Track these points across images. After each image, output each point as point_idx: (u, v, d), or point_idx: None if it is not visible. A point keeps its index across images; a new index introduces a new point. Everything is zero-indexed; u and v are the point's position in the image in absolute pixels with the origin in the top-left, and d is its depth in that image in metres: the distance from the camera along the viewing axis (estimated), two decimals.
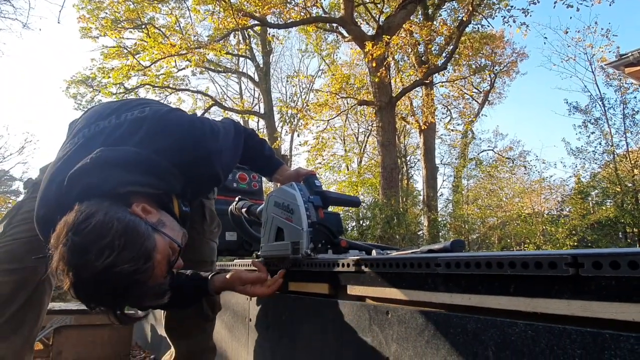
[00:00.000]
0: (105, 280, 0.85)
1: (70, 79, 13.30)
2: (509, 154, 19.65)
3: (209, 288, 1.28)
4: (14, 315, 1.26)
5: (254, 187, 2.92)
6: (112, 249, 0.85)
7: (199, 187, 1.20)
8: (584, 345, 0.59)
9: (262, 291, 1.27)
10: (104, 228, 0.87)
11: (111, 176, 0.97)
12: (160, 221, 0.99)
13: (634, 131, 12.07)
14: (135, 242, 0.89)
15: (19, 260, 1.27)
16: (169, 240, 0.98)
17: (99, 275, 0.84)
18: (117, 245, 0.85)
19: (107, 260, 0.84)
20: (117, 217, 0.89)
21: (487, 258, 0.74)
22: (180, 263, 1.04)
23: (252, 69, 16.78)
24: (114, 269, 0.84)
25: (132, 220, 0.92)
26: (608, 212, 11.59)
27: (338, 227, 1.40)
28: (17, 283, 1.27)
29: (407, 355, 0.88)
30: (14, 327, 1.28)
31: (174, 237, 1.01)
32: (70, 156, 1.05)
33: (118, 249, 0.85)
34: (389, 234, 9.50)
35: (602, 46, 11.92)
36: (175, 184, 1.07)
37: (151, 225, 0.95)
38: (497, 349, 0.70)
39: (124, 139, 1.06)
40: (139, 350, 3.17)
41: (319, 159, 14.35)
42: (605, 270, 0.59)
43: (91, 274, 0.84)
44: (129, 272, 0.86)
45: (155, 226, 0.96)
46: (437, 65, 11.27)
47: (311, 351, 1.21)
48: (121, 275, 0.86)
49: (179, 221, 1.09)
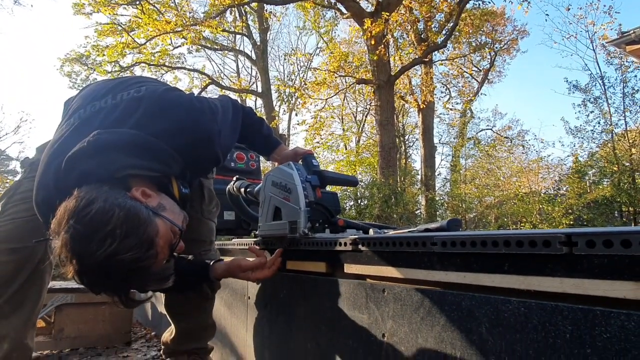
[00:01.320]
0: (108, 268, 0.86)
1: (64, 57, 13.10)
2: (507, 133, 19.61)
3: (210, 275, 1.29)
4: (16, 294, 1.28)
5: (251, 167, 2.92)
6: (113, 237, 0.85)
7: (198, 168, 1.20)
8: (575, 322, 0.60)
9: (263, 274, 1.29)
10: (105, 216, 0.87)
11: (109, 160, 0.96)
12: (160, 205, 0.99)
13: (633, 110, 12.02)
14: (137, 229, 0.89)
15: (19, 240, 1.28)
16: (170, 224, 0.99)
17: (102, 264, 0.85)
18: (118, 234, 0.86)
19: (110, 248, 0.84)
20: (117, 204, 0.89)
21: (482, 237, 0.75)
22: (181, 246, 1.04)
23: (249, 46, 16.54)
24: (117, 257, 0.85)
25: (132, 207, 0.91)
26: (605, 191, 11.66)
27: (335, 206, 1.40)
28: (18, 262, 1.28)
29: (403, 331, 0.90)
30: (16, 305, 1.30)
31: (175, 221, 1.01)
32: (66, 138, 1.04)
33: (120, 237, 0.86)
34: (387, 213, 9.55)
35: (604, 23, 11.72)
36: (175, 166, 1.07)
37: (152, 210, 0.95)
38: (491, 325, 0.72)
39: (121, 121, 1.05)
40: (139, 327, 3.23)
41: (317, 138, 14.32)
42: (598, 248, 0.59)
43: (94, 262, 0.85)
44: (132, 259, 0.87)
45: (155, 210, 0.96)
46: (437, 42, 11.12)
47: (309, 328, 1.23)
48: (124, 263, 0.86)
49: (179, 203, 1.09)
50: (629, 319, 0.55)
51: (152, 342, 2.73)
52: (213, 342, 1.72)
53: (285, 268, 1.41)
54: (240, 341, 1.66)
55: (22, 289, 1.30)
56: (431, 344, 0.83)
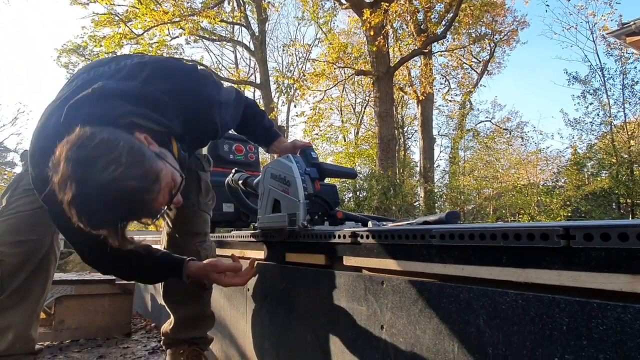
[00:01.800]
0: (110, 195, 0.82)
1: (61, 47, 13.00)
2: (506, 125, 19.59)
3: (183, 273, 1.29)
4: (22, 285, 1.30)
5: (250, 159, 2.91)
6: (119, 163, 0.82)
7: (196, 134, 1.19)
8: (572, 314, 0.61)
9: (236, 281, 1.30)
10: (111, 144, 0.84)
11: (114, 107, 0.95)
12: (162, 152, 0.98)
13: (633, 102, 12.01)
14: (142, 161, 0.87)
15: (25, 233, 1.30)
16: (172, 170, 0.97)
17: (105, 189, 0.82)
18: (124, 161, 0.83)
19: (115, 173, 0.82)
20: (122, 137, 0.87)
21: (480, 230, 0.75)
22: (179, 199, 1.02)
23: (248, 37, 16.41)
24: (121, 184, 0.82)
25: (137, 143, 0.90)
26: (603, 183, 11.69)
27: (334, 198, 1.41)
28: (24, 255, 1.30)
29: (401, 323, 0.90)
30: (23, 296, 1.31)
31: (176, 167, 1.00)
32: (68, 95, 1.01)
33: (125, 165, 0.83)
34: (386, 205, 9.57)
35: (605, 14, 11.69)
36: (176, 124, 1.06)
37: (155, 153, 0.94)
38: (488, 317, 0.72)
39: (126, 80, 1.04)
40: (139, 319, 3.25)
41: (316, 130, 14.28)
42: (596, 242, 0.60)
43: (97, 186, 0.81)
44: (137, 188, 0.85)
45: (158, 154, 0.95)
46: (437, 33, 11.05)
47: (308, 320, 1.24)
48: (127, 191, 0.83)
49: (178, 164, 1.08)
50: (625, 312, 0.55)
51: (152, 333, 2.74)
52: (212, 333, 1.73)
53: (284, 260, 1.42)
54: (239, 333, 1.68)
55: (28, 281, 1.31)
56: (429, 336, 0.83)
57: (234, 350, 1.72)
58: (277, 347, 1.38)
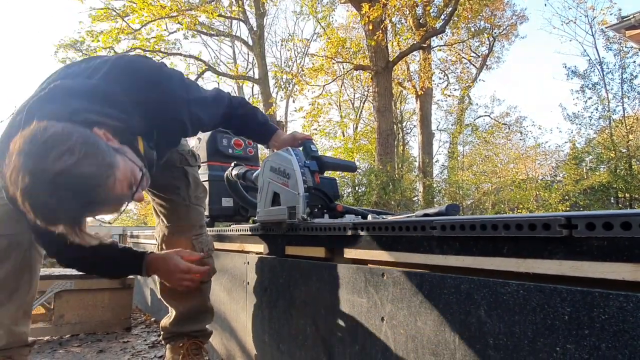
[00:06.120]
0: (63, 183, 0.81)
1: (58, 42, 12.91)
2: (505, 120, 19.59)
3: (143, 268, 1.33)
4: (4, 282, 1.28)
5: (249, 153, 2.90)
6: (72, 153, 0.81)
7: (165, 131, 1.19)
8: (574, 304, 0.61)
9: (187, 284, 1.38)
10: (65, 135, 0.83)
11: (70, 104, 0.94)
12: (121, 148, 0.97)
13: (631, 96, 12.01)
14: (96, 153, 0.86)
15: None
16: (132, 164, 0.96)
17: (57, 178, 0.80)
18: (77, 151, 0.82)
19: (67, 162, 0.80)
20: (76, 130, 0.86)
21: (481, 220, 0.75)
22: (140, 195, 1.01)
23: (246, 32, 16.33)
24: (74, 171, 0.81)
25: (92, 136, 0.89)
26: (601, 177, 11.70)
27: (334, 191, 1.40)
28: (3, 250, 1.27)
29: (402, 314, 0.90)
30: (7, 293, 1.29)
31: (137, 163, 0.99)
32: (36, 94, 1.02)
33: (79, 155, 0.82)
34: (385, 200, 9.57)
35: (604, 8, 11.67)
36: (136, 119, 1.06)
37: (112, 147, 0.92)
38: (489, 307, 0.72)
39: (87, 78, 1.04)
40: (139, 313, 3.25)
41: (315, 125, 14.23)
42: (598, 231, 0.59)
43: (48, 176, 0.79)
44: (89, 176, 0.83)
45: (117, 149, 0.94)
46: (436, 28, 11.00)
47: (308, 312, 1.24)
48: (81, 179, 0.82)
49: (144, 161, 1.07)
50: (628, 301, 0.55)
51: (151, 327, 2.75)
52: (212, 327, 1.73)
53: (284, 254, 1.41)
54: (240, 326, 1.68)
55: (12, 276, 1.29)
56: (430, 327, 0.83)
57: (234, 343, 1.72)
58: (277, 340, 1.38)
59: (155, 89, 1.10)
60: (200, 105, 1.23)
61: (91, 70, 1.07)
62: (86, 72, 1.07)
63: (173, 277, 1.36)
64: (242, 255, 1.69)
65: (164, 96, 1.11)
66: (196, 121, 1.23)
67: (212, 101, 1.30)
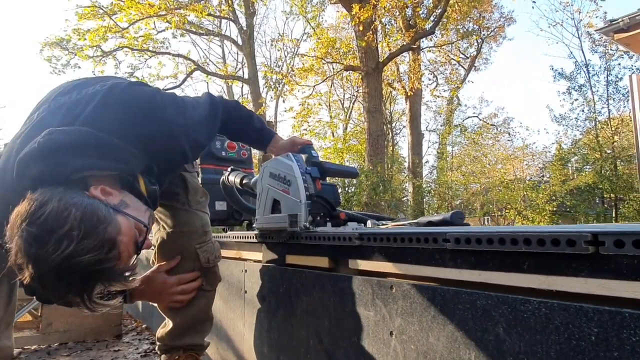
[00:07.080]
0: (66, 272, 0.82)
1: (44, 40, 12.64)
2: (493, 121, 19.80)
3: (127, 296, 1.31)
4: None
5: (243, 156, 2.86)
6: (70, 238, 0.81)
7: (166, 163, 1.15)
8: (601, 324, 0.58)
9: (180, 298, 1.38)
10: (60, 216, 0.82)
11: (63, 162, 0.91)
12: (122, 202, 0.96)
13: (617, 98, 12.22)
14: (95, 228, 0.85)
15: None
16: (134, 221, 0.95)
17: (60, 268, 0.81)
18: (75, 235, 0.82)
19: (67, 250, 0.80)
20: (73, 203, 0.85)
21: (500, 234, 0.72)
22: (149, 243, 1.01)
23: (235, 31, 16.23)
24: (74, 260, 0.81)
25: (90, 205, 0.87)
26: (587, 178, 11.90)
27: (335, 198, 1.37)
28: None
29: (412, 329, 0.87)
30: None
31: (139, 217, 0.97)
32: (27, 134, 0.98)
33: (77, 239, 0.82)
34: (375, 201, 9.59)
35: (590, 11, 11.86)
36: (134, 161, 1.03)
37: (112, 207, 0.91)
38: (508, 325, 0.70)
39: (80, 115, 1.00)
40: (130, 320, 3.18)
41: (305, 125, 14.20)
42: (627, 249, 0.57)
43: (51, 267, 0.81)
44: (92, 261, 0.83)
45: (117, 208, 0.92)
46: (425, 29, 11.06)
47: (310, 323, 1.20)
48: (83, 265, 0.82)
49: (148, 201, 1.06)
50: None
51: (143, 334, 2.69)
52: (209, 337, 1.68)
53: (285, 262, 1.38)
54: (237, 336, 1.64)
55: None
56: (443, 343, 0.81)
57: (231, 354, 1.68)
58: (278, 352, 1.35)
59: (152, 121, 1.05)
60: (198, 127, 1.18)
61: (83, 104, 1.01)
62: (78, 106, 1.01)
63: (163, 297, 1.33)
64: (239, 263, 1.65)
65: (161, 127, 1.07)
66: (196, 147, 1.19)
67: (209, 116, 1.24)
